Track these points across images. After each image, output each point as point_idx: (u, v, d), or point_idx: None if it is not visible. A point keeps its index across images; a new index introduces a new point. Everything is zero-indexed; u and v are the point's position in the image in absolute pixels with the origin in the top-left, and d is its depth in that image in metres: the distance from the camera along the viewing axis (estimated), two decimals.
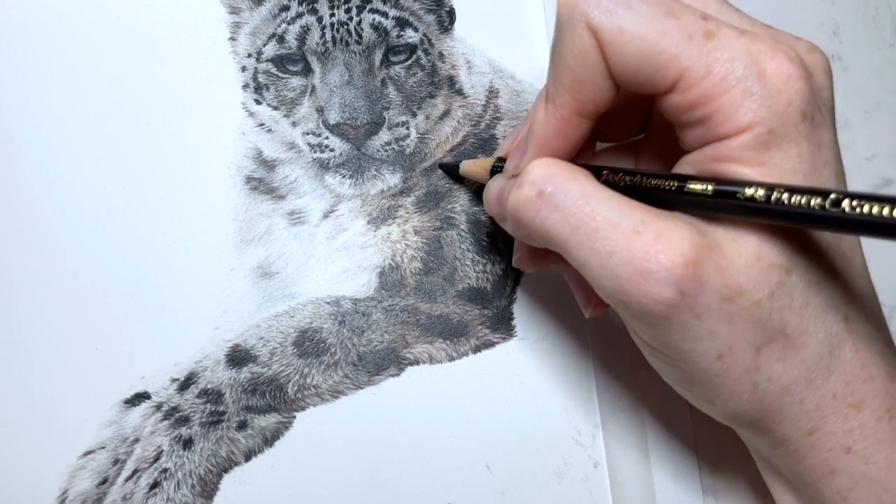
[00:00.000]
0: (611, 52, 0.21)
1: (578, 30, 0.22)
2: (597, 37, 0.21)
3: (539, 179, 0.23)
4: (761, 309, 0.21)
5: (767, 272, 0.21)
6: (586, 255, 0.21)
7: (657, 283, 0.20)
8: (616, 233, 0.21)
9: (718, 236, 0.21)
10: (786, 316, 0.21)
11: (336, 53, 0.32)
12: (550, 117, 0.23)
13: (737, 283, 0.21)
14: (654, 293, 0.20)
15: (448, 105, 0.33)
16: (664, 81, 0.21)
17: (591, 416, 0.33)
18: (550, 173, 0.23)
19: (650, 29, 0.21)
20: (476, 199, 0.33)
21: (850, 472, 0.23)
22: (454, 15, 0.34)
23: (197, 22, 0.32)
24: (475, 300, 0.33)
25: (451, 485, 0.31)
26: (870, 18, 0.37)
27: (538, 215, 0.22)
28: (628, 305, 0.21)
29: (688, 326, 0.21)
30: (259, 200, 0.32)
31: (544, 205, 0.22)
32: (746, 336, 0.21)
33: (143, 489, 0.30)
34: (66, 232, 0.31)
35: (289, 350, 0.31)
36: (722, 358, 0.22)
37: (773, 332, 0.21)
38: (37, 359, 0.30)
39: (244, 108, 0.32)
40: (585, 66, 0.22)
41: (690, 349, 0.22)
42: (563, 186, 0.22)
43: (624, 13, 0.21)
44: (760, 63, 0.21)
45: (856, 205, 0.18)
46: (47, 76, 0.31)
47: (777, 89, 0.20)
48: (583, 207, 0.22)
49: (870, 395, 0.22)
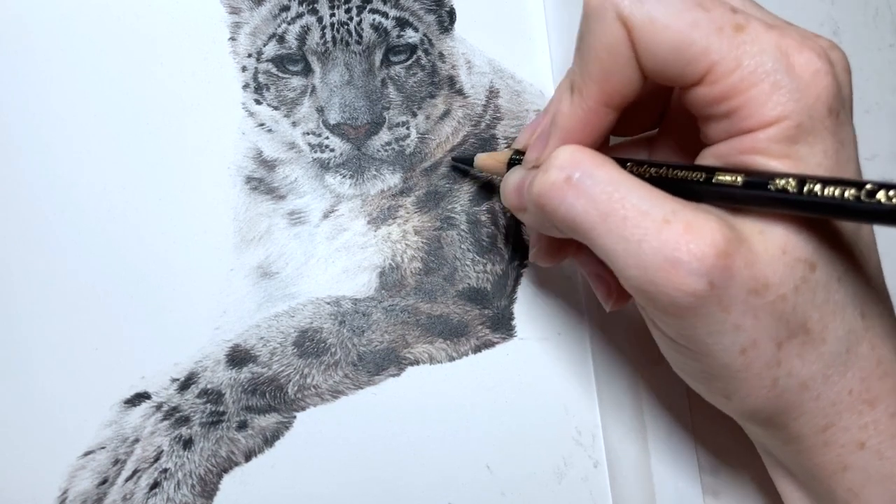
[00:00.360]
0: (641, 43, 0.21)
1: (609, 20, 0.21)
2: (627, 27, 0.21)
3: (567, 164, 0.22)
4: (786, 303, 0.21)
5: (793, 266, 0.21)
6: (614, 242, 0.21)
7: (688, 274, 0.20)
8: (646, 221, 0.21)
9: (745, 229, 0.21)
10: (808, 311, 0.21)
11: (336, 53, 0.32)
12: (577, 108, 0.23)
13: (764, 276, 0.21)
14: (683, 283, 0.20)
15: (448, 105, 0.33)
16: (693, 74, 0.21)
17: (591, 416, 0.33)
18: (578, 158, 0.22)
19: (681, 20, 0.21)
20: (476, 199, 0.33)
21: (862, 468, 0.23)
22: (454, 15, 0.34)
23: (197, 22, 0.32)
24: (475, 300, 0.33)
25: (451, 485, 0.31)
26: (870, 18, 0.37)
27: (565, 201, 0.22)
28: (655, 296, 0.21)
29: (714, 319, 0.21)
30: (259, 200, 0.32)
31: (571, 190, 0.22)
32: (770, 330, 0.21)
33: (143, 489, 0.30)
34: (66, 232, 0.31)
35: (289, 350, 0.31)
36: (745, 352, 0.21)
37: (796, 328, 0.21)
38: (37, 359, 0.30)
39: (244, 108, 0.32)
40: (615, 57, 0.22)
41: (714, 343, 0.21)
42: (592, 172, 0.22)
43: (655, 4, 0.21)
44: (789, 57, 0.21)
45: (892, 195, 0.18)
46: (47, 76, 0.31)
47: (805, 83, 0.20)
48: (612, 194, 0.21)
49: (884, 391, 0.22)
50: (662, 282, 0.20)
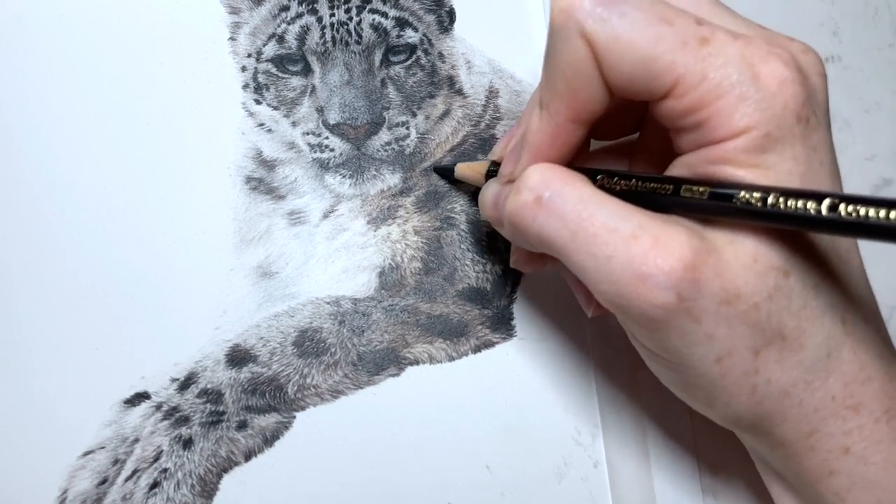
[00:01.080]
0: (605, 61, 0.21)
1: (572, 38, 0.22)
2: (591, 45, 0.21)
3: (537, 185, 0.23)
4: (759, 312, 0.21)
5: (765, 275, 0.21)
6: (584, 259, 0.21)
7: (655, 288, 0.20)
8: (614, 237, 0.21)
9: (715, 239, 0.21)
10: (784, 318, 0.21)
11: (336, 53, 0.32)
12: (545, 125, 0.23)
13: (734, 286, 0.21)
14: (652, 297, 0.20)
15: (448, 105, 0.33)
16: (659, 88, 0.21)
17: (591, 416, 0.33)
18: (548, 178, 0.23)
19: (645, 36, 0.21)
20: (476, 200, 0.33)
21: (848, 473, 0.23)
22: (454, 15, 0.34)
23: (197, 22, 0.32)
24: (475, 300, 0.33)
25: (451, 485, 0.31)
26: (870, 18, 0.37)
27: (536, 221, 0.22)
28: (627, 310, 0.21)
29: (686, 330, 0.21)
30: (259, 200, 0.32)
31: (542, 210, 0.22)
32: (745, 339, 0.21)
33: (142, 489, 0.30)
34: (66, 232, 0.31)
35: (289, 350, 0.31)
36: (721, 361, 0.22)
37: (772, 335, 0.21)
38: (37, 359, 0.30)
39: (244, 108, 0.32)
40: (580, 75, 0.22)
41: (689, 353, 0.22)
42: (561, 191, 0.22)
43: (618, 21, 0.21)
44: (755, 67, 0.21)
45: (851, 209, 0.18)
46: (47, 76, 0.31)
47: (772, 93, 0.21)
48: (581, 212, 0.22)
49: (868, 396, 0.22)
50: (632, 296, 0.21)
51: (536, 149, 0.24)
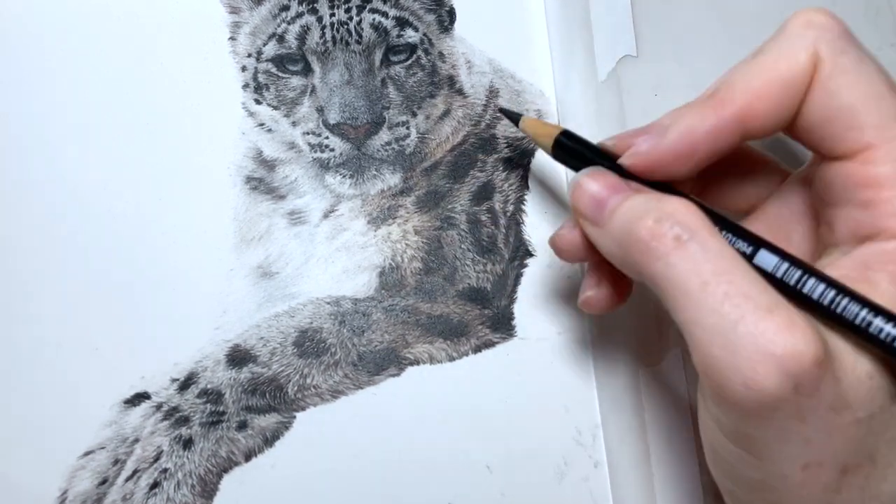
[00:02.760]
0: (819, 88, 0.20)
1: (804, 47, 0.21)
2: (816, 65, 0.20)
3: (681, 221, 0.21)
4: (860, 429, 0.20)
5: (875, 393, 0.20)
6: (705, 316, 0.19)
7: (777, 371, 0.18)
8: (748, 304, 0.19)
9: (838, 344, 0.20)
10: (878, 443, 0.20)
11: (336, 53, 0.32)
12: (710, 114, 0.22)
13: (847, 396, 0.19)
14: (769, 380, 0.19)
15: (448, 105, 0.33)
16: (851, 143, 0.20)
17: (591, 416, 0.33)
18: (695, 221, 0.21)
19: (870, 89, 0.20)
20: (476, 199, 0.33)
21: None
22: (454, 15, 0.34)
23: (197, 22, 0.32)
24: (475, 300, 0.33)
25: (451, 485, 0.31)
26: (870, 18, 0.37)
27: (666, 258, 0.20)
28: (731, 384, 0.19)
29: (786, 426, 0.19)
30: (259, 200, 0.32)
31: (678, 251, 0.20)
32: (838, 453, 0.20)
33: (143, 489, 0.30)
34: (66, 232, 0.31)
35: (289, 350, 0.31)
36: (808, 468, 0.20)
37: (864, 457, 0.20)
38: (37, 359, 0.30)
39: (244, 108, 0.32)
40: (787, 82, 0.21)
41: (779, 450, 0.20)
42: (705, 240, 0.20)
43: (855, 61, 0.20)
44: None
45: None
46: (47, 76, 0.31)
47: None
48: (718, 266, 0.20)
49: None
50: (747, 371, 0.19)
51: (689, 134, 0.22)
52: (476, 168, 0.33)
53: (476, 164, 0.33)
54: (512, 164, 0.34)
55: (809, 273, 0.21)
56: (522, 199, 0.34)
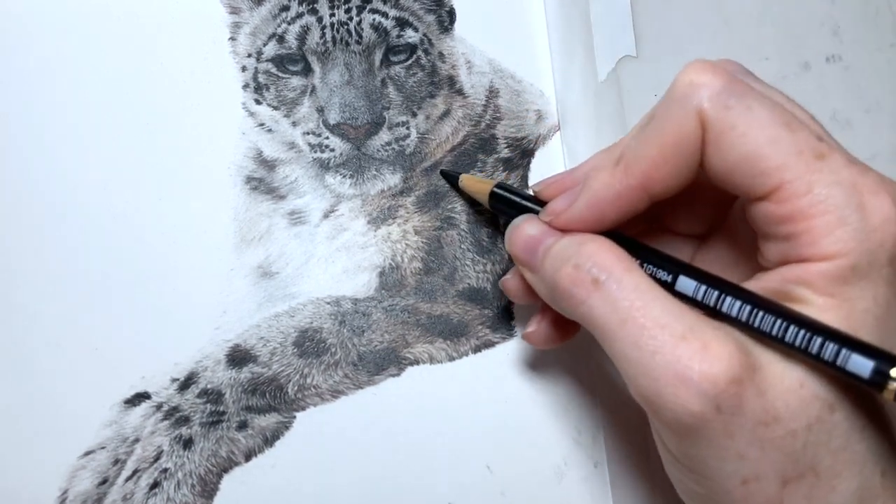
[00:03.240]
0: (712, 146, 0.21)
1: (689, 110, 0.21)
2: (704, 126, 0.21)
3: (597, 264, 0.22)
4: (796, 440, 0.20)
5: (809, 403, 0.20)
6: (627, 350, 0.21)
7: (696, 394, 0.20)
8: (664, 333, 0.20)
9: (762, 356, 0.21)
10: (820, 454, 0.20)
11: (336, 53, 0.32)
12: (615, 181, 0.23)
13: (774, 408, 0.20)
14: (690, 403, 0.20)
15: (448, 105, 0.33)
16: (761, 188, 0.21)
17: (591, 416, 0.33)
18: (609, 261, 0.22)
19: (763, 134, 0.21)
20: (476, 203, 0.33)
21: None
22: (454, 15, 0.34)
23: (197, 22, 0.32)
24: (475, 300, 0.33)
25: (451, 485, 0.31)
26: (870, 18, 0.37)
27: (587, 301, 0.22)
28: (660, 410, 0.20)
29: (717, 444, 0.20)
30: (259, 200, 0.32)
31: (597, 293, 0.22)
32: (775, 466, 0.20)
33: (143, 489, 0.30)
34: (66, 232, 0.31)
35: (289, 350, 0.31)
36: (747, 484, 0.20)
37: (804, 468, 0.20)
38: (37, 359, 0.30)
39: (244, 108, 0.32)
40: (679, 148, 0.22)
41: (716, 468, 0.21)
42: (620, 278, 0.22)
43: (741, 112, 0.21)
44: (863, 196, 0.20)
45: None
46: (47, 76, 0.31)
47: (873, 226, 0.20)
48: (635, 301, 0.21)
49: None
50: (670, 397, 0.20)
51: (596, 202, 0.23)
52: (476, 168, 0.33)
53: (476, 164, 0.33)
54: (512, 165, 0.34)
55: (726, 292, 0.22)
56: None
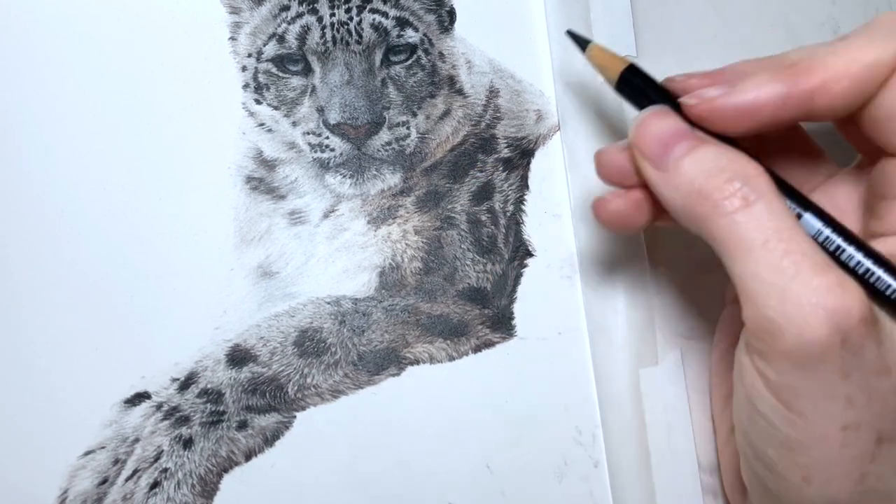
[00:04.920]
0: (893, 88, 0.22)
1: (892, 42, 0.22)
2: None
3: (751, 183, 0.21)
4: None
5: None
6: (764, 271, 0.20)
7: (828, 322, 0.19)
8: (805, 261, 0.20)
9: (879, 312, 0.21)
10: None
11: (336, 53, 0.32)
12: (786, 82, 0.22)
13: (887, 360, 0.20)
14: (820, 330, 0.19)
15: (448, 105, 0.33)
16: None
17: (591, 416, 0.33)
18: (763, 184, 0.22)
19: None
20: (476, 199, 0.33)
21: None
22: (454, 15, 0.34)
23: (197, 22, 0.32)
24: (475, 300, 0.33)
25: (451, 485, 0.31)
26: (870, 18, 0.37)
27: (733, 216, 0.21)
28: (785, 333, 0.20)
29: (830, 381, 0.20)
30: (259, 200, 0.32)
31: (745, 210, 0.21)
32: (876, 420, 0.20)
33: (143, 489, 0.30)
34: (66, 232, 0.31)
35: (289, 350, 0.31)
36: (847, 430, 0.20)
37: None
38: (37, 359, 0.30)
39: (244, 108, 0.32)
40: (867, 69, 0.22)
41: (821, 407, 0.20)
42: (771, 201, 0.21)
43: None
44: None
45: None
46: (47, 76, 0.31)
47: None
48: (780, 225, 0.21)
49: None
50: (799, 320, 0.20)
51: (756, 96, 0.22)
52: (476, 168, 0.33)
53: (476, 164, 0.33)
54: (512, 165, 0.34)
55: (849, 241, 0.22)
56: (522, 199, 0.34)
